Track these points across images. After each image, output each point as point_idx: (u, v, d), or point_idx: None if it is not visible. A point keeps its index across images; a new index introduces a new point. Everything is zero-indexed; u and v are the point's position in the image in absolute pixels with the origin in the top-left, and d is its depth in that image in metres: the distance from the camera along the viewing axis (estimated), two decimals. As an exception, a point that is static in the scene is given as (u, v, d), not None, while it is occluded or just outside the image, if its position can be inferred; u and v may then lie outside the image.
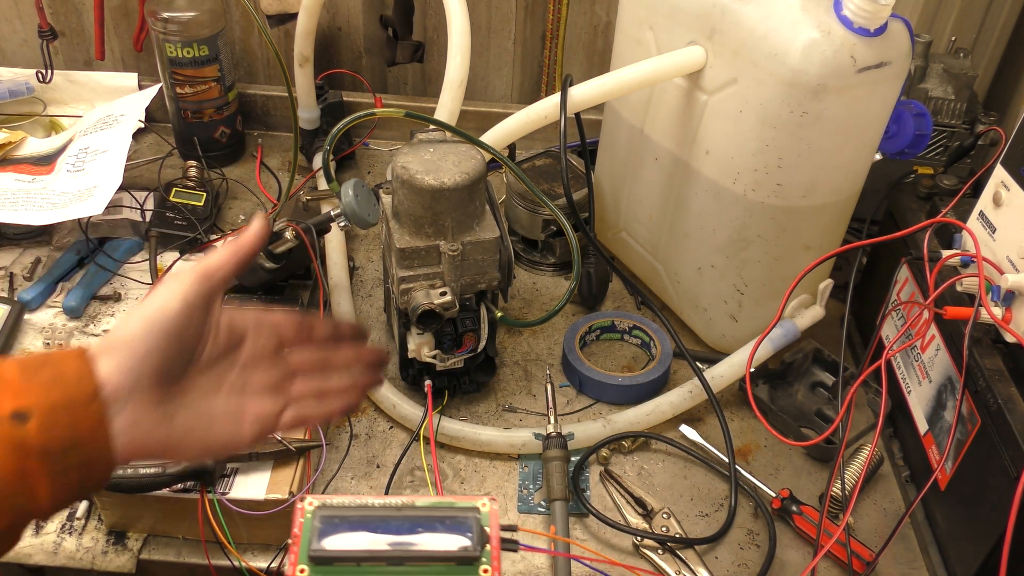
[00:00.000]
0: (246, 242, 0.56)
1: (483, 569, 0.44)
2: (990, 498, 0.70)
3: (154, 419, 0.50)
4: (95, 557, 0.76)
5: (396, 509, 0.45)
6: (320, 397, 0.61)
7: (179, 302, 0.51)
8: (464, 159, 0.81)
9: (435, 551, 0.43)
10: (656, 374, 0.94)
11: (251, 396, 0.57)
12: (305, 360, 0.61)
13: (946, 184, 0.91)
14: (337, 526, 0.45)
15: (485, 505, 0.46)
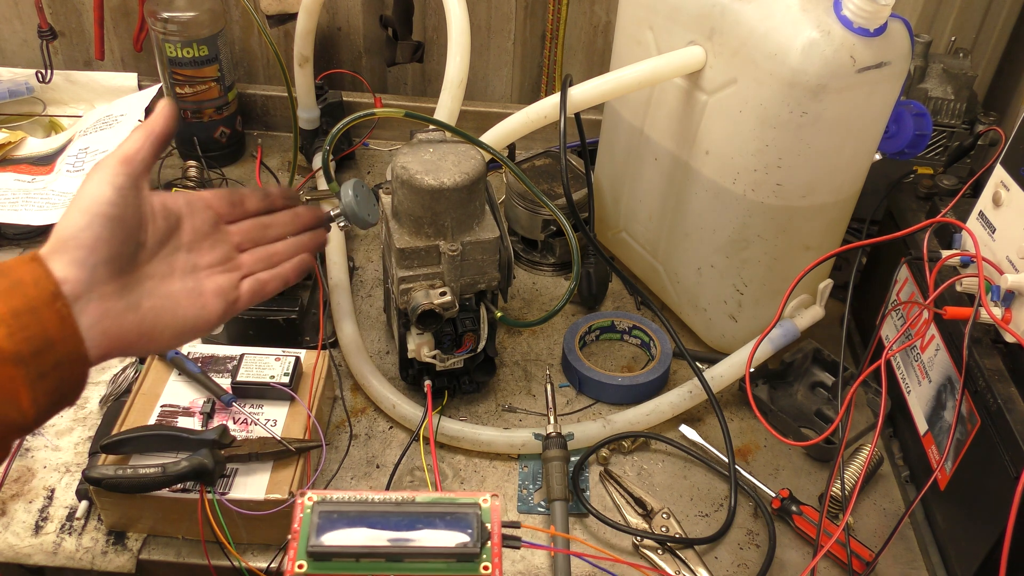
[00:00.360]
0: (156, 124, 0.58)
1: (483, 566, 0.43)
2: (990, 498, 0.70)
3: (120, 309, 0.52)
4: (95, 557, 0.76)
5: (396, 505, 0.45)
6: (271, 263, 0.65)
7: (109, 187, 0.53)
8: (464, 159, 0.81)
9: (434, 547, 0.43)
10: (656, 374, 0.94)
11: (205, 274, 0.60)
12: (244, 230, 0.65)
13: (946, 184, 0.91)
14: (336, 521, 0.44)
15: (486, 501, 0.46)
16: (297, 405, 0.82)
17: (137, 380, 0.84)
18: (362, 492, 0.47)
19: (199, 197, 0.63)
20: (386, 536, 0.43)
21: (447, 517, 0.44)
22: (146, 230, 0.56)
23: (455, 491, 0.47)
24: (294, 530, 0.45)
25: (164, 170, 1.18)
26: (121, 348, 0.52)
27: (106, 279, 0.51)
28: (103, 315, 0.50)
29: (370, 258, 1.12)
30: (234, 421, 0.80)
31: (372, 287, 1.07)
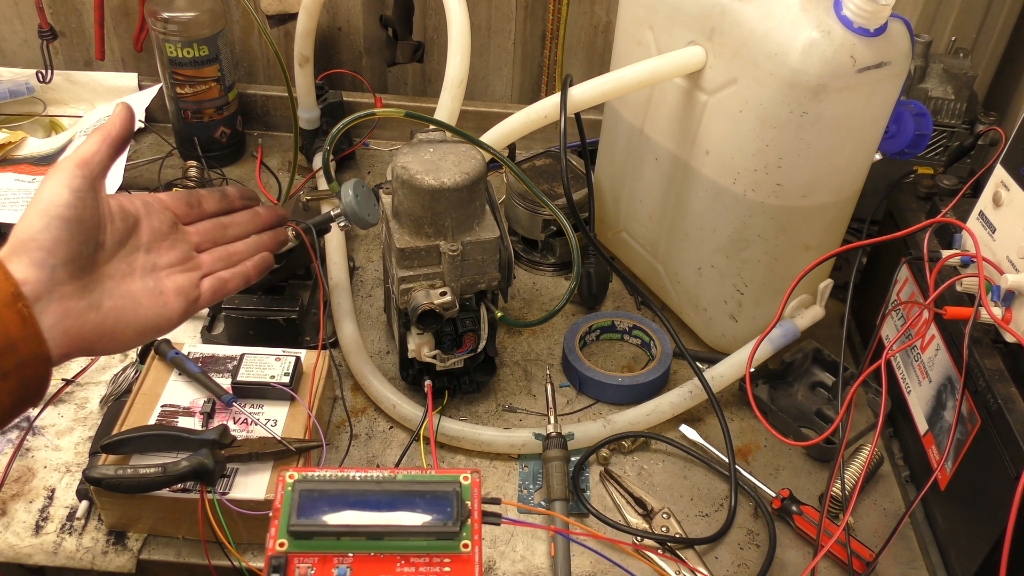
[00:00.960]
0: (113, 127, 0.58)
1: (463, 544, 0.43)
2: (990, 498, 0.70)
3: (81, 308, 0.53)
4: (95, 557, 0.76)
5: (376, 483, 0.45)
6: (231, 262, 0.66)
7: (66, 190, 0.53)
8: (464, 159, 0.81)
9: (413, 526, 0.43)
10: (656, 374, 0.94)
11: (164, 273, 0.61)
12: (203, 231, 0.66)
13: (946, 184, 0.91)
14: (317, 500, 0.45)
15: (467, 479, 0.46)
16: (297, 405, 0.82)
17: (137, 380, 0.84)
18: (344, 470, 0.47)
19: (156, 199, 0.65)
20: (366, 515, 0.44)
21: (427, 496, 0.44)
22: (104, 231, 0.57)
23: (438, 468, 0.47)
24: (275, 508, 0.45)
25: (164, 170, 1.18)
26: (83, 348, 0.53)
27: (66, 279, 0.52)
28: (64, 315, 0.51)
29: (370, 258, 1.12)
30: (234, 421, 0.80)
31: (372, 287, 1.07)
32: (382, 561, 0.42)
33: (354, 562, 0.42)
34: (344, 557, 0.42)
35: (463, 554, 0.43)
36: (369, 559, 0.42)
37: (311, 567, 0.42)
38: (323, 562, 0.42)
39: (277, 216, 0.74)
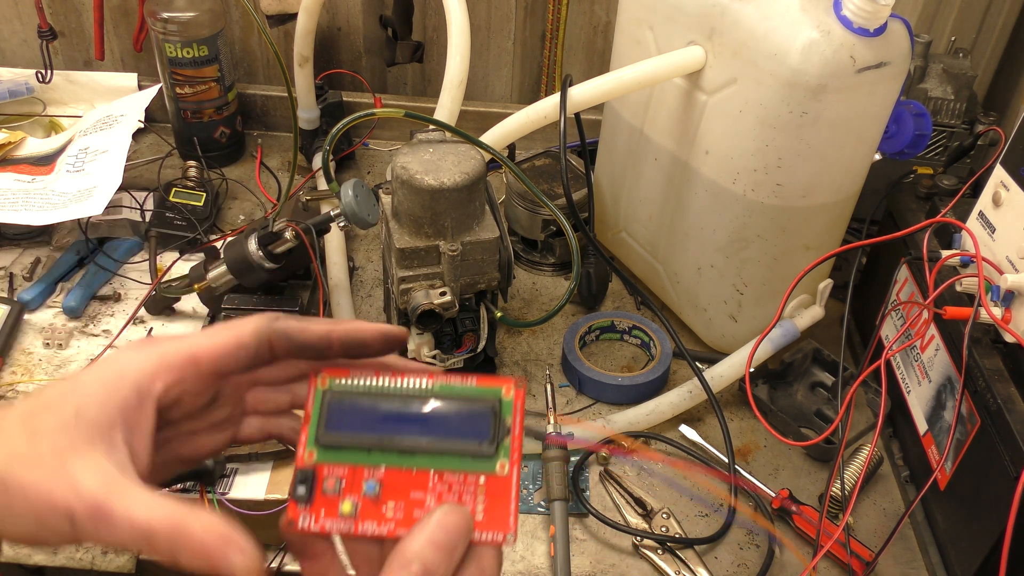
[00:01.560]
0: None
1: (500, 464, 0.41)
2: (990, 498, 0.70)
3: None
4: (95, 557, 0.76)
5: (409, 399, 0.43)
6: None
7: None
8: (464, 159, 0.81)
9: (446, 446, 0.41)
10: (656, 374, 0.94)
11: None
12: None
13: (946, 184, 0.91)
14: (347, 411, 0.42)
15: (509, 392, 0.43)
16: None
17: (137, 380, 0.84)
18: (379, 373, 0.43)
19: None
20: (398, 429, 0.42)
21: (463, 413, 0.42)
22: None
23: (480, 377, 0.44)
24: (306, 413, 0.42)
25: (164, 170, 1.18)
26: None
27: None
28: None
29: (370, 258, 1.12)
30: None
31: (372, 287, 1.07)
32: (414, 476, 0.41)
33: (385, 476, 0.41)
34: (375, 470, 0.41)
35: (499, 475, 0.41)
36: (400, 473, 0.41)
37: (340, 479, 0.41)
38: (353, 474, 0.41)
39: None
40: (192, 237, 1.08)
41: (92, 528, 0.35)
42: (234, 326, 0.41)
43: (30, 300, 0.99)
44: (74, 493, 0.35)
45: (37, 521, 0.36)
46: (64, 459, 0.36)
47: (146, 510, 0.35)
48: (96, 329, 0.99)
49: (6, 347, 0.94)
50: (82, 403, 0.37)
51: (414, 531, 0.37)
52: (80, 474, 0.35)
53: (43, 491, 0.35)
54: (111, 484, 0.36)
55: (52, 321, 0.99)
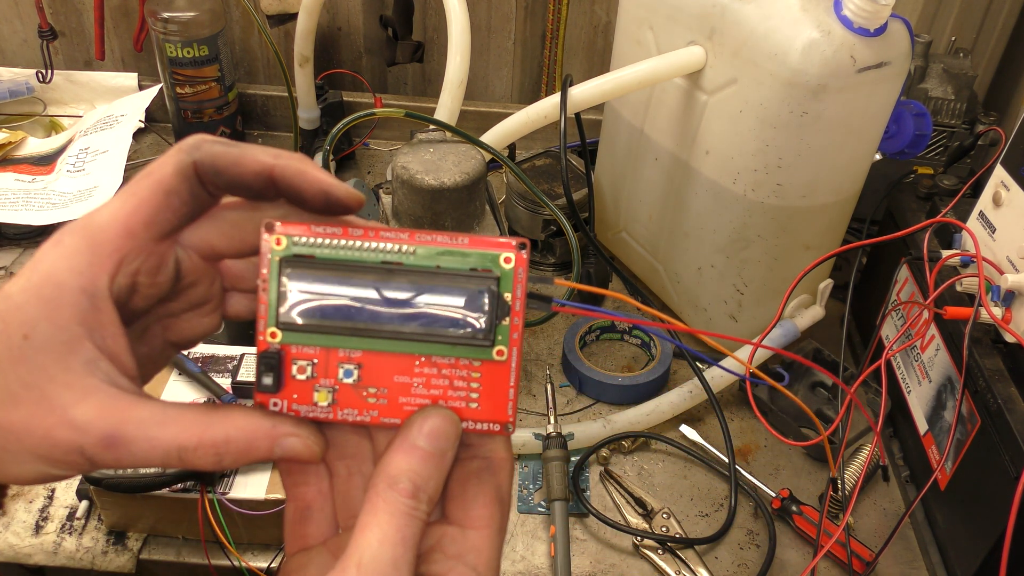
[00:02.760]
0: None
1: (497, 351, 0.35)
2: (990, 498, 0.70)
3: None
4: (95, 557, 0.76)
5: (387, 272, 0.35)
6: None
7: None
8: (464, 159, 0.81)
9: (436, 333, 0.35)
10: (656, 374, 0.94)
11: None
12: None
13: (946, 184, 0.91)
14: (313, 282, 0.35)
15: (509, 261, 0.35)
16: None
17: (137, 380, 0.84)
18: (347, 232, 0.35)
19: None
20: (377, 311, 0.35)
21: (455, 291, 0.35)
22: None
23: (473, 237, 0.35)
24: (262, 280, 0.35)
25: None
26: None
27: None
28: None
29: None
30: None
31: (372, 287, 1.07)
32: (397, 359, 0.35)
33: (363, 359, 0.35)
34: (351, 353, 0.35)
35: (497, 360, 0.35)
36: (381, 356, 0.35)
37: (312, 362, 0.35)
38: (325, 356, 0.35)
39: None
40: (192, 237, 1.08)
41: (111, 457, 0.32)
42: (152, 172, 0.33)
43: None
44: (75, 429, 0.31)
45: (44, 461, 0.32)
46: (44, 392, 0.31)
47: (168, 426, 0.32)
48: (96, 329, 0.99)
49: (6, 347, 0.94)
50: (27, 325, 0.31)
51: (395, 444, 0.34)
52: (72, 406, 0.31)
53: (39, 432, 0.31)
54: (113, 408, 0.32)
55: (52, 321, 0.99)
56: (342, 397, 0.35)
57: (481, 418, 0.35)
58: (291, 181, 0.34)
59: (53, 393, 0.31)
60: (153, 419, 0.32)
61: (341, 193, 0.35)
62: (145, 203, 0.33)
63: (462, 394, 0.35)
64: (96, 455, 0.32)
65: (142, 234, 0.33)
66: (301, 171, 0.34)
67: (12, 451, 0.32)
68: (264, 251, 0.35)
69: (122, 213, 0.33)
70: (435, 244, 0.35)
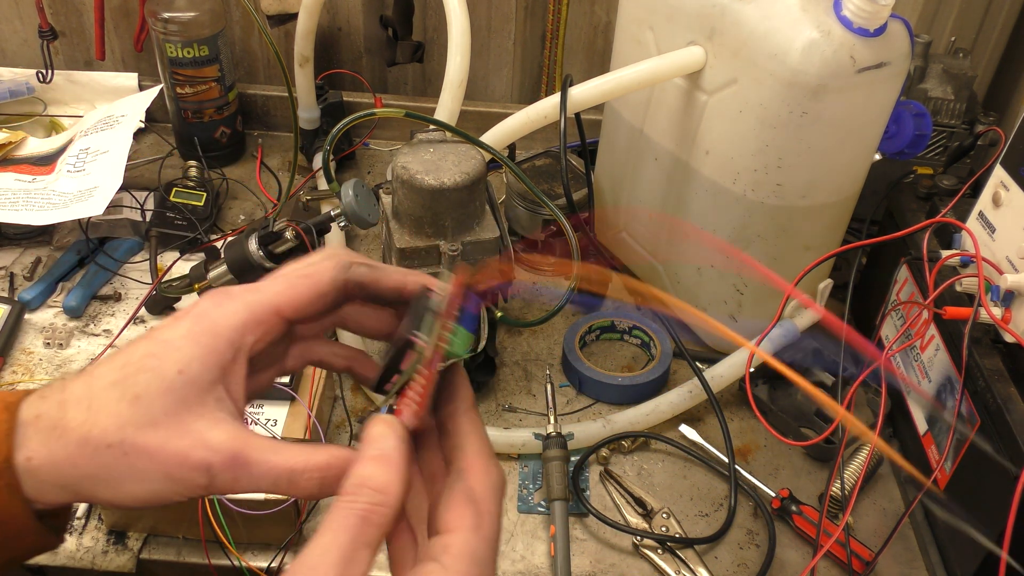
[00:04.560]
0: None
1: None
2: (990, 498, 0.70)
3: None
4: (95, 557, 0.76)
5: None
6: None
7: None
8: (464, 159, 0.81)
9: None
10: (656, 374, 0.94)
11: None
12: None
13: (945, 184, 0.91)
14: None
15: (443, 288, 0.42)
16: (297, 405, 0.82)
17: (137, 380, 0.84)
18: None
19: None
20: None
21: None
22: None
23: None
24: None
25: (165, 170, 1.18)
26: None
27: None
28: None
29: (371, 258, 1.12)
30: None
31: (372, 287, 1.07)
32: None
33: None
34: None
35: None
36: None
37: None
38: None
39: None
40: (192, 237, 1.08)
41: (231, 477, 0.38)
42: (311, 275, 0.42)
43: (31, 300, 0.99)
44: (208, 449, 0.37)
45: (168, 480, 0.38)
46: (182, 419, 0.38)
47: (281, 453, 0.38)
48: (97, 329, 0.99)
49: (7, 347, 0.94)
50: (182, 363, 0.38)
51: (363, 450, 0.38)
52: (208, 431, 0.38)
53: (173, 451, 0.37)
54: (239, 436, 0.38)
55: (53, 321, 0.99)
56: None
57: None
58: (415, 292, 0.43)
59: (191, 420, 0.38)
60: (270, 447, 0.38)
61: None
62: (300, 297, 0.41)
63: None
64: (220, 474, 0.38)
65: (288, 315, 0.41)
66: (429, 280, 0.43)
67: (140, 468, 0.38)
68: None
69: (280, 299, 0.41)
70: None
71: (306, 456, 0.38)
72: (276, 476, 0.38)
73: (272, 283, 0.42)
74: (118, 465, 0.37)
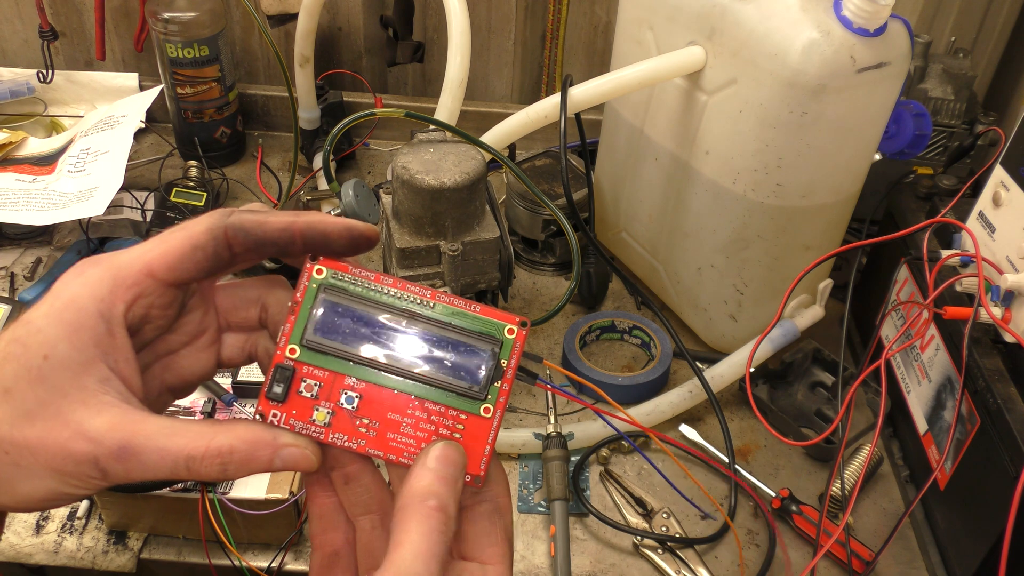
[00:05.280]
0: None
1: (484, 408, 0.39)
2: (990, 498, 0.70)
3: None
4: (96, 557, 0.76)
5: (410, 317, 0.40)
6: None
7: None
8: (464, 159, 0.81)
9: (436, 378, 0.39)
10: (656, 374, 0.94)
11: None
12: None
13: (945, 184, 0.91)
14: (341, 314, 0.39)
15: (512, 332, 0.41)
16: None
17: (138, 380, 0.84)
18: (379, 278, 0.41)
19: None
20: (392, 348, 0.39)
21: (461, 347, 0.39)
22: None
23: (486, 308, 0.41)
24: (295, 302, 0.39)
25: (165, 170, 1.18)
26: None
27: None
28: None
29: (371, 258, 1.12)
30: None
31: (372, 287, 1.07)
32: (395, 397, 0.39)
33: (365, 391, 0.39)
34: (356, 383, 0.39)
35: (482, 417, 0.39)
36: (382, 391, 0.39)
37: (319, 384, 0.38)
38: (332, 381, 0.38)
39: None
40: (193, 237, 1.08)
41: (122, 469, 0.34)
42: (186, 227, 0.37)
43: (31, 300, 0.99)
44: (88, 440, 0.33)
45: (58, 476, 0.34)
46: (59, 408, 0.34)
47: (176, 438, 0.34)
48: (97, 329, 0.99)
49: (7, 347, 0.94)
50: (47, 346, 0.34)
51: (419, 468, 0.36)
52: (88, 420, 0.33)
53: (54, 445, 0.33)
54: (125, 421, 0.34)
55: (53, 321, 0.99)
56: (336, 421, 0.38)
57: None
58: (315, 227, 0.38)
59: (68, 409, 0.34)
60: (162, 431, 0.34)
61: (362, 227, 0.40)
62: (172, 251, 0.37)
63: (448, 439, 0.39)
64: (109, 466, 0.34)
65: (162, 276, 0.37)
66: (321, 219, 0.38)
67: (25, 466, 0.34)
68: (304, 277, 0.39)
69: (148, 255, 0.36)
70: (452, 305, 0.40)
71: (206, 440, 0.34)
72: (172, 463, 0.34)
73: (147, 242, 0.37)
74: (2, 466, 0.34)
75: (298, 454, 0.37)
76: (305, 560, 0.77)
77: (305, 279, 0.39)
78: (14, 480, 0.34)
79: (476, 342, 0.40)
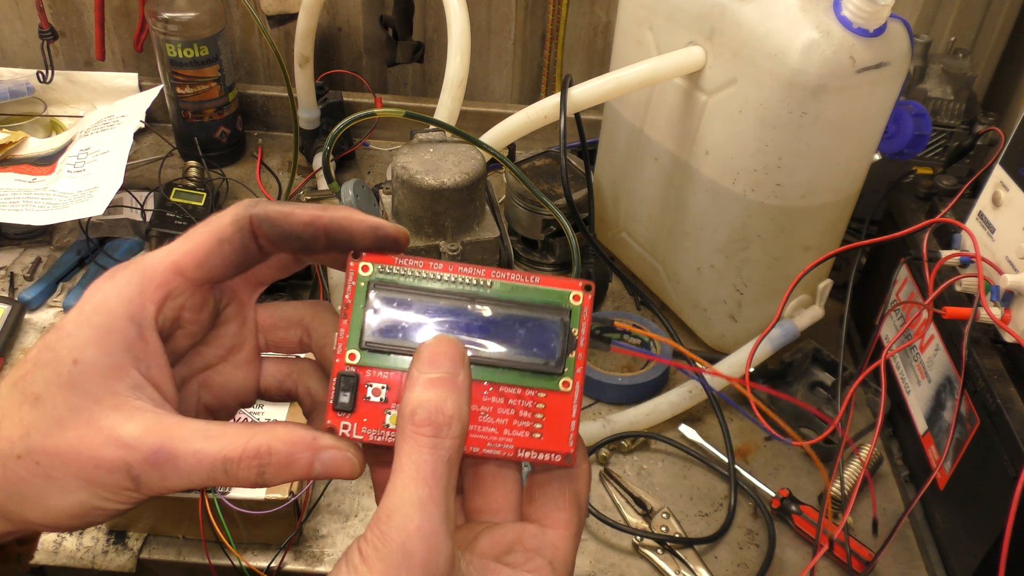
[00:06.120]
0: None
1: (563, 382, 0.37)
2: (989, 498, 0.71)
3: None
4: (95, 556, 0.76)
5: (468, 300, 0.37)
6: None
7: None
8: (464, 159, 0.81)
9: (509, 360, 0.37)
10: (656, 374, 0.94)
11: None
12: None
13: (945, 184, 0.91)
14: (397, 307, 0.37)
15: (578, 298, 0.38)
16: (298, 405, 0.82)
17: (138, 380, 0.84)
18: (429, 266, 0.37)
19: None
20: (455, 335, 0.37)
21: (528, 323, 0.37)
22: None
23: (543, 276, 0.38)
24: (346, 302, 0.37)
25: (165, 170, 1.18)
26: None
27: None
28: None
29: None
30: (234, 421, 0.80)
31: (372, 287, 1.07)
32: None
33: None
34: None
35: (562, 392, 0.37)
36: None
37: (386, 386, 0.36)
38: (399, 381, 0.36)
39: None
40: (193, 237, 1.08)
41: (157, 476, 0.32)
42: (211, 220, 0.36)
43: (31, 300, 0.99)
44: (122, 446, 0.32)
45: (91, 487, 0.32)
46: (91, 415, 0.32)
47: (212, 440, 0.33)
48: (97, 329, 0.99)
49: (6, 347, 0.94)
50: (76, 350, 0.33)
51: (406, 382, 0.34)
52: (121, 425, 0.32)
53: (87, 453, 0.32)
54: (158, 425, 0.33)
55: (53, 321, 0.99)
56: None
57: (544, 448, 0.37)
58: (340, 224, 0.36)
59: (100, 414, 0.32)
60: (198, 434, 0.33)
61: (390, 229, 0.37)
62: (199, 247, 0.35)
63: (526, 424, 0.37)
64: (143, 473, 0.32)
65: (191, 274, 0.35)
66: (348, 215, 0.36)
67: (57, 478, 0.32)
68: (350, 276, 0.37)
69: (175, 253, 0.35)
70: (510, 280, 0.38)
71: (244, 440, 0.33)
72: (210, 467, 0.32)
73: (173, 242, 0.36)
74: (33, 478, 0.32)
75: (340, 457, 0.34)
76: (305, 560, 0.77)
77: (351, 278, 0.37)
78: (45, 494, 0.33)
79: (543, 315, 0.37)
